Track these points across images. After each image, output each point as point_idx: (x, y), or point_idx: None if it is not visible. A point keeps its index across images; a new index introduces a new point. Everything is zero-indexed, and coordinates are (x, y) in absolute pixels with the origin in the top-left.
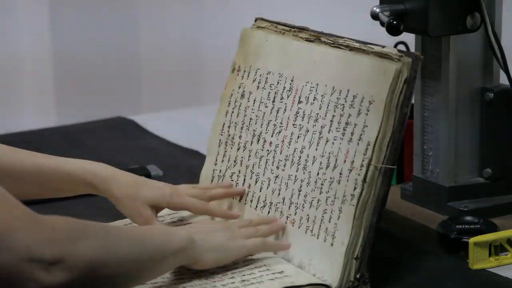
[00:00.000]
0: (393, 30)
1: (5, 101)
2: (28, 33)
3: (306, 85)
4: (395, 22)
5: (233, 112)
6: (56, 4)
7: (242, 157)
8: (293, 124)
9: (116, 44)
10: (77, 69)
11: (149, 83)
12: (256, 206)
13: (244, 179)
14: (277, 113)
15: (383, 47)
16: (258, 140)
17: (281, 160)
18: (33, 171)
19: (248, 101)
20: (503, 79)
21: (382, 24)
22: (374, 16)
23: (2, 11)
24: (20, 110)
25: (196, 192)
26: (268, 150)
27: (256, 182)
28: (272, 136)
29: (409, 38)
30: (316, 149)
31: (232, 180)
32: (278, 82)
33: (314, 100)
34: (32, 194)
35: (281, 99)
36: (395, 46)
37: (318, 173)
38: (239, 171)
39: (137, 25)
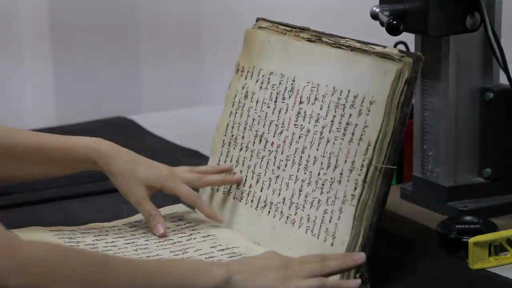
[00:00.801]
0: (392, 30)
1: (5, 101)
2: (28, 36)
3: (307, 85)
4: (394, 22)
5: (236, 112)
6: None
7: (244, 158)
8: (295, 125)
9: (116, 43)
10: (77, 69)
11: (149, 83)
12: (257, 206)
13: (246, 179)
14: (279, 113)
15: (384, 47)
16: (260, 140)
17: (282, 160)
18: (35, 150)
19: (251, 101)
20: (503, 79)
21: (382, 24)
22: (374, 16)
23: (3, 13)
24: (21, 110)
25: (192, 177)
26: (269, 150)
27: (257, 182)
28: (274, 137)
29: (409, 38)
30: (317, 149)
31: None
32: (280, 83)
33: (315, 100)
34: (34, 173)
35: (283, 100)
36: (395, 46)
37: (319, 173)
38: (241, 171)
39: (138, 26)
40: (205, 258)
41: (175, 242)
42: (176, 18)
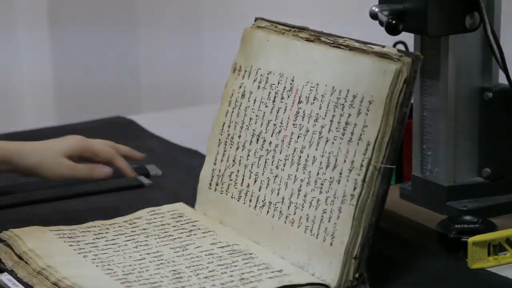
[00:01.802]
0: (392, 29)
1: (5, 100)
2: (27, 31)
3: (306, 85)
4: (394, 22)
5: (233, 112)
6: (55, 5)
7: (241, 157)
8: (293, 124)
9: (115, 43)
10: (77, 69)
11: (149, 83)
12: (255, 205)
13: (243, 179)
14: (277, 113)
15: (383, 47)
16: (258, 139)
17: (280, 160)
18: None
19: (249, 101)
20: (502, 79)
21: (381, 23)
22: (373, 16)
23: (2, 16)
24: (20, 110)
25: (104, 142)
26: (267, 149)
27: (255, 181)
28: (272, 136)
29: (408, 38)
30: (316, 149)
31: (231, 180)
32: (278, 82)
33: (314, 100)
34: None
35: (281, 99)
36: (394, 46)
37: (318, 173)
38: (238, 171)
39: (136, 25)
40: (205, 255)
41: (175, 238)
42: (176, 19)
